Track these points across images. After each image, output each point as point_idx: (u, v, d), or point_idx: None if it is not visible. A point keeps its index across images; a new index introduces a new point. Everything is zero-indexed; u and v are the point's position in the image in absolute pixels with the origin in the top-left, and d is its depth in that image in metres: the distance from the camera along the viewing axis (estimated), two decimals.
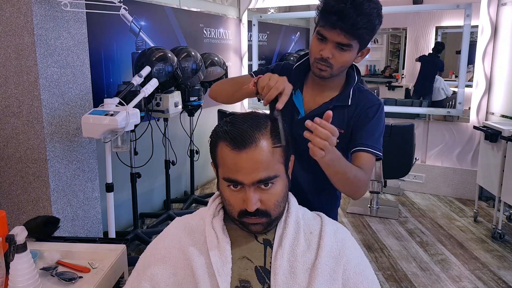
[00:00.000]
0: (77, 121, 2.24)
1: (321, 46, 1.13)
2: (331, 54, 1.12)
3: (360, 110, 1.21)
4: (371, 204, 3.61)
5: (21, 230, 0.94)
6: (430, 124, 3.99)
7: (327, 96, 1.24)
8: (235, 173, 0.86)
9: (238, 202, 0.88)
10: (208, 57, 3.41)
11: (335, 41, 1.10)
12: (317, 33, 1.13)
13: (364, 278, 0.89)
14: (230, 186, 0.89)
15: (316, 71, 1.17)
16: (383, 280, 2.47)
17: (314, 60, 1.16)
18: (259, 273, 0.87)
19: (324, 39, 1.11)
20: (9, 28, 2.04)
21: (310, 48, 1.18)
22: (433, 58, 4.58)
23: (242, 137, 0.86)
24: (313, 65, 1.18)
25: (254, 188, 0.87)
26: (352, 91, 1.23)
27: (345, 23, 1.06)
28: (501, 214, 2.92)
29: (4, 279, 0.99)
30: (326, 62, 1.13)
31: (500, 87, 3.52)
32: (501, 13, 3.49)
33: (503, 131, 2.82)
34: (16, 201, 2.23)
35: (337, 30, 1.08)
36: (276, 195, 0.89)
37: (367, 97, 1.24)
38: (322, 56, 1.12)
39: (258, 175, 0.86)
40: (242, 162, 0.85)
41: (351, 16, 1.05)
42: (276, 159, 0.89)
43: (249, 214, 0.87)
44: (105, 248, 1.21)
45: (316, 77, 1.20)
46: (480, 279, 2.46)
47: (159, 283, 0.86)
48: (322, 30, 1.11)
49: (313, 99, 1.25)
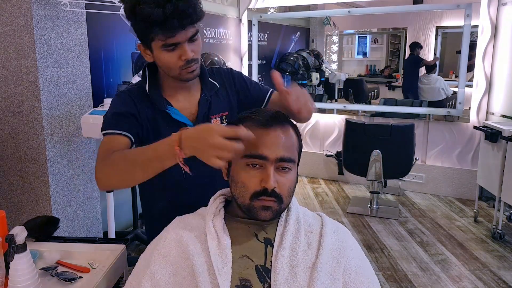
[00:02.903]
0: (77, 121, 2.24)
1: (176, 53, 1.06)
2: (190, 51, 1.07)
3: (230, 82, 1.27)
4: (371, 204, 3.61)
5: (21, 230, 0.94)
6: (430, 124, 3.99)
7: (195, 94, 1.21)
8: (260, 148, 0.89)
9: (255, 182, 0.89)
10: (208, 57, 3.41)
11: (187, 38, 1.05)
12: (163, 46, 1.04)
13: (364, 278, 0.89)
14: (249, 165, 0.90)
15: (189, 76, 1.11)
16: (383, 280, 2.47)
17: (179, 69, 1.08)
18: (259, 272, 0.87)
19: (176, 44, 1.04)
20: (9, 28, 2.04)
21: (166, 63, 1.08)
22: (411, 57, 4.65)
23: (270, 117, 0.93)
24: (181, 74, 1.10)
25: (274, 168, 0.89)
26: (211, 77, 1.24)
27: (188, 16, 1.01)
28: (501, 214, 2.92)
29: (4, 279, 0.99)
30: (192, 61, 1.08)
31: (500, 87, 3.52)
32: (501, 13, 3.49)
33: (503, 131, 2.81)
34: (16, 201, 2.23)
35: (185, 27, 1.02)
36: (290, 181, 0.93)
37: (222, 71, 1.29)
38: (188, 59, 1.06)
39: (282, 152, 0.90)
40: (269, 138, 0.90)
41: (185, 6, 1.00)
42: (295, 147, 0.95)
43: (265, 194, 0.88)
44: (105, 248, 1.21)
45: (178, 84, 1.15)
46: (480, 279, 2.46)
47: (160, 282, 0.86)
48: (168, 40, 1.03)
49: (188, 103, 1.19)
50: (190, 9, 1.01)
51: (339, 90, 5.18)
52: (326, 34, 5.48)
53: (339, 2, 4.56)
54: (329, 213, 3.50)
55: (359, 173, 3.53)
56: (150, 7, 0.98)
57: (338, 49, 5.50)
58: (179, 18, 1.00)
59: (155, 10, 0.98)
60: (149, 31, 1.03)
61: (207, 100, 1.20)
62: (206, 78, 1.22)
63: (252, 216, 0.91)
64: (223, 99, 1.25)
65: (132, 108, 1.13)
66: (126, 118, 1.11)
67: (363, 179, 3.66)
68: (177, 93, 1.19)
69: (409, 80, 4.79)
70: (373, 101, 5.08)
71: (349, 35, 5.66)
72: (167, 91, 1.18)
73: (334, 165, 4.45)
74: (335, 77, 5.19)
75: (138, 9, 1.00)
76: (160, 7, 0.98)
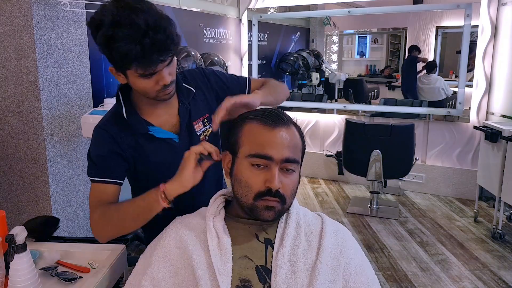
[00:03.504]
0: (77, 121, 2.24)
1: (153, 80, 1.02)
2: (168, 76, 1.03)
3: (204, 83, 1.24)
4: (371, 204, 3.61)
5: (21, 230, 0.94)
6: (430, 124, 3.99)
7: (173, 104, 1.17)
8: (266, 148, 0.89)
9: (259, 182, 0.89)
10: (208, 57, 3.41)
11: (166, 65, 1.02)
12: (141, 75, 1.00)
13: (364, 278, 0.89)
14: (253, 166, 0.90)
15: (166, 97, 1.09)
16: (383, 280, 2.47)
17: (157, 92, 1.05)
18: (260, 272, 0.87)
19: (152, 74, 1.01)
20: (9, 28, 2.04)
21: (143, 88, 1.04)
22: (408, 59, 4.68)
23: (276, 116, 0.92)
24: (158, 97, 1.07)
25: (279, 169, 0.89)
26: (185, 82, 1.20)
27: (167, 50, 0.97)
28: (501, 214, 2.92)
29: (4, 279, 0.99)
30: (169, 84, 1.05)
31: (500, 87, 3.52)
32: (501, 13, 3.49)
33: (503, 131, 2.81)
34: (16, 201, 2.23)
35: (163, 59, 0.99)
36: (293, 182, 0.93)
37: (192, 73, 1.25)
38: (166, 84, 1.03)
39: (287, 152, 0.89)
40: (275, 138, 0.90)
41: (163, 40, 0.95)
42: (299, 148, 0.94)
43: (269, 194, 0.88)
44: (105, 248, 1.21)
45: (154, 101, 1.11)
46: (480, 279, 2.46)
47: (160, 282, 0.86)
48: (147, 71, 0.99)
49: (168, 118, 1.16)
50: (168, 41, 0.96)
51: (339, 90, 5.18)
52: (326, 34, 5.49)
53: (339, 2, 4.56)
54: (329, 213, 3.50)
55: (359, 173, 3.53)
56: (126, 43, 0.92)
57: (338, 49, 5.50)
58: (158, 52, 0.95)
59: (132, 46, 0.92)
60: (126, 66, 0.99)
61: (186, 109, 1.17)
62: (181, 85, 1.18)
63: (255, 216, 0.91)
64: (201, 102, 1.22)
65: (113, 145, 1.10)
66: (109, 159, 1.10)
67: (363, 179, 3.66)
68: (155, 108, 1.15)
69: (407, 80, 4.81)
70: (373, 101, 5.08)
71: (349, 35, 5.66)
72: (145, 109, 1.14)
73: (334, 165, 4.45)
74: (335, 77, 5.19)
75: (114, 47, 0.93)
76: (137, 43, 0.92)
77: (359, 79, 5.46)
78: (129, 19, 0.92)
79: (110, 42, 0.94)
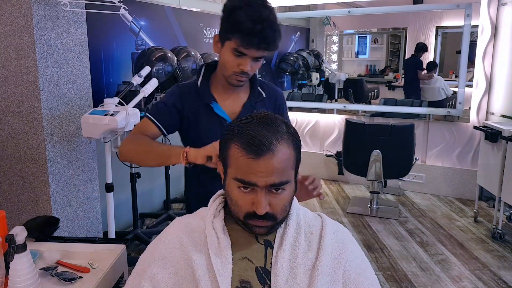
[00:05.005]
0: (77, 121, 2.24)
1: (239, 60, 1.20)
2: (250, 67, 1.22)
3: (274, 99, 1.41)
4: (371, 204, 3.61)
5: (21, 230, 0.94)
6: (430, 124, 3.99)
7: (242, 97, 1.35)
8: (249, 175, 0.85)
9: (246, 203, 0.87)
10: (208, 57, 3.40)
11: (254, 56, 1.20)
12: (234, 50, 1.18)
13: (364, 279, 0.88)
14: (240, 188, 0.88)
15: (235, 82, 1.27)
16: (383, 280, 2.47)
17: (233, 73, 1.23)
18: (259, 273, 0.87)
19: (242, 54, 1.19)
20: (9, 28, 2.04)
21: (226, 62, 1.23)
22: (413, 59, 4.64)
23: (259, 144, 0.84)
24: (230, 77, 1.25)
25: (266, 192, 0.86)
26: (260, 86, 1.38)
27: (267, 44, 1.17)
28: (501, 214, 2.92)
29: (4, 279, 0.99)
30: (246, 74, 1.23)
31: (500, 87, 3.52)
32: (501, 13, 3.49)
33: (503, 131, 2.81)
34: (16, 201, 2.23)
35: (259, 50, 1.18)
36: (284, 200, 0.89)
37: (271, 87, 1.43)
38: (243, 70, 1.21)
39: (272, 179, 0.85)
40: (258, 167, 0.84)
41: (269, 35, 1.15)
42: (289, 166, 0.88)
43: (256, 217, 0.87)
44: (105, 248, 1.21)
45: (228, 85, 1.30)
46: (480, 279, 2.46)
47: (160, 283, 0.86)
48: (241, 48, 1.17)
49: (232, 104, 1.33)
50: (270, 39, 1.16)
51: (339, 90, 5.18)
52: (326, 34, 5.48)
53: (339, 2, 4.56)
54: (329, 213, 3.50)
55: (359, 173, 3.53)
56: (245, 17, 1.12)
57: (338, 49, 5.50)
58: (260, 39, 1.14)
59: (247, 21, 1.12)
60: (232, 33, 1.16)
61: (251, 105, 1.33)
62: (256, 87, 1.36)
63: (249, 230, 0.91)
64: (265, 109, 1.34)
65: (178, 101, 1.31)
66: (168, 109, 1.30)
67: (363, 179, 3.66)
68: (225, 92, 1.33)
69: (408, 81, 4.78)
70: (373, 101, 5.08)
71: (349, 35, 5.65)
72: (217, 88, 1.33)
73: (334, 165, 4.45)
74: (335, 77, 5.19)
75: (236, 11, 1.14)
76: (252, 23, 1.12)
77: (359, 79, 5.46)
78: (257, 5, 1.15)
79: (235, 10, 1.15)
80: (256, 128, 0.86)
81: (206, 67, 1.35)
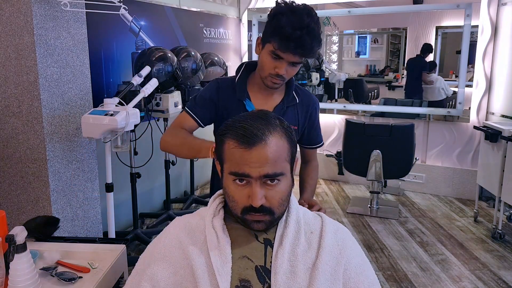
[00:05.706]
0: (77, 121, 2.24)
1: (275, 63, 1.26)
2: (285, 70, 1.27)
3: (307, 106, 1.44)
4: (371, 204, 3.61)
5: (21, 230, 0.94)
6: (430, 124, 3.99)
7: (276, 98, 1.41)
8: (242, 166, 0.86)
9: (242, 198, 0.88)
10: (208, 57, 3.40)
11: (290, 61, 1.25)
12: (272, 52, 1.24)
13: (365, 278, 0.88)
14: (235, 181, 0.88)
15: (270, 84, 1.32)
16: (383, 280, 2.47)
17: (269, 75, 1.29)
18: (259, 272, 0.87)
19: (279, 58, 1.24)
20: (9, 28, 2.04)
21: (263, 63, 1.29)
22: (418, 59, 4.62)
23: (251, 135, 0.86)
24: (266, 78, 1.31)
25: (260, 184, 0.87)
26: (295, 91, 1.43)
27: (303, 50, 1.21)
28: (501, 214, 2.92)
29: (4, 279, 0.99)
30: (281, 77, 1.28)
31: (500, 87, 3.52)
32: (501, 13, 3.49)
33: (503, 131, 2.81)
34: (16, 201, 2.23)
35: (295, 55, 1.22)
36: (280, 193, 0.89)
37: (307, 94, 1.47)
38: (278, 73, 1.26)
39: (265, 169, 0.86)
40: (251, 158, 0.86)
41: (307, 42, 1.20)
42: (283, 157, 0.89)
43: (253, 211, 0.87)
44: (105, 248, 1.21)
45: (263, 85, 1.35)
46: (480, 279, 2.46)
47: (159, 282, 0.86)
48: (278, 52, 1.23)
49: (264, 103, 1.39)
50: (308, 46, 1.21)
51: (339, 90, 5.17)
52: (326, 34, 5.48)
53: (339, 2, 4.56)
54: (329, 213, 3.50)
55: (359, 173, 3.53)
56: (286, 22, 1.18)
57: (338, 49, 5.49)
58: (297, 44, 1.19)
59: (287, 27, 1.18)
60: (272, 36, 1.23)
61: (283, 108, 1.39)
62: (291, 91, 1.42)
63: (247, 226, 0.91)
64: (296, 115, 1.42)
65: (214, 95, 1.39)
66: (205, 103, 1.39)
67: (363, 179, 3.66)
68: (260, 92, 1.39)
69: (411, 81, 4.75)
70: (373, 101, 5.07)
71: (349, 35, 5.65)
72: (253, 87, 1.40)
73: (334, 165, 4.45)
74: (335, 77, 5.19)
75: (279, 16, 1.21)
76: (291, 29, 1.18)
77: (359, 79, 5.46)
78: (301, 13, 1.20)
79: (278, 15, 1.22)
80: (249, 121, 0.89)
81: (246, 65, 1.41)
